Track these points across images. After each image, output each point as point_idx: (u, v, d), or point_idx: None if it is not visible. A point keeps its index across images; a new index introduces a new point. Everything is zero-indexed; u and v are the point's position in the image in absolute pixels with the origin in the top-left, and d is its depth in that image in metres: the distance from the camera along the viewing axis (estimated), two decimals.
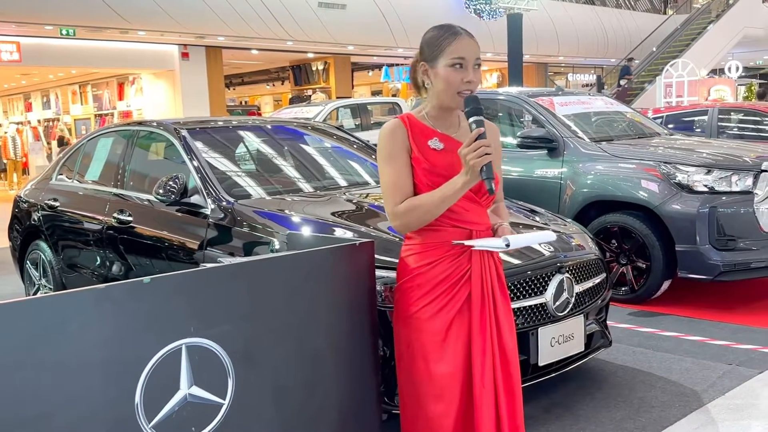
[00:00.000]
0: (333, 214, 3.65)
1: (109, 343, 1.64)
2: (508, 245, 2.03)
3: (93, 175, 4.94)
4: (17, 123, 23.10)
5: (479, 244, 2.07)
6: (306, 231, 3.45)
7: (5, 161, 19.70)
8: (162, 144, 4.52)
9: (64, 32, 15.17)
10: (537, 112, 6.12)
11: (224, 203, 3.79)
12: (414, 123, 2.21)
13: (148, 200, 4.19)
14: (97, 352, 1.63)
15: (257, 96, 29.94)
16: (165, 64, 17.92)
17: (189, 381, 1.76)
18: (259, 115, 21.34)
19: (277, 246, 3.29)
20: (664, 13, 26.73)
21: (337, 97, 18.62)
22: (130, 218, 4.27)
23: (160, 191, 3.87)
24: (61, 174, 5.31)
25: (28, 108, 24.56)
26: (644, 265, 5.29)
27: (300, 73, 22.22)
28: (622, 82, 20.99)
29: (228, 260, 2.12)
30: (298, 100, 19.69)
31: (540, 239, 2.25)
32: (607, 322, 4.06)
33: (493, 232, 2.28)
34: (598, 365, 4.09)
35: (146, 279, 1.67)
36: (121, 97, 20.03)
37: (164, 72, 18.18)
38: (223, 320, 1.81)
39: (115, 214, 4.38)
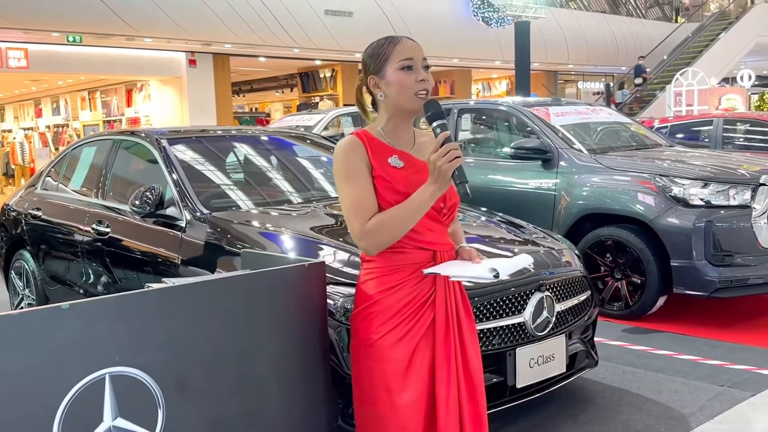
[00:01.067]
0: (312, 228, 3.55)
1: (24, 374, 1.55)
2: (497, 276, 1.91)
3: (75, 184, 4.88)
4: (26, 129, 23.21)
5: (457, 273, 1.95)
6: (277, 246, 3.36)
7: (14, 167, 19.78)
8: (143, 154, 4.44)
9: (70, 39, 15.19)
10: (532, 122, 6.00)
11: (200, 215, 3.71)
12: (372, 140, 2.10)
13: (126, 211, 4.11)
14: (10, 384, 1.53)
15: (267, 103, 29.95)
16: (172, 71, 17.91)
17: (113, 413, 1.66)
18: (268, 122, 21.32)
19: None
20: (675, 21, 26.50)
21: (345, 105, 18.57)
22: (107, 229, 4.19)
23: (137, 202, 3.79)
24: (46, 183, 5.25)
25: (38, 114, 24.63)
26: (639, 281, 5.15)
27: (308, 81, 22.16)
28: (637, 81, 20.85)
29: (170, 282, 2.02)
30: (305, 107, 19.64)
31: (522, 264, 2.13)
32: (599, 339, 3.94)
33: (456, 255, 2.18)
34: (585, 385, 3.96)
35: (65, 305, 1.58)
36: (129, 104, 20.04)
37: (171, 79, 18.17)
38: (151, 347, 1.72)
39: (93, 225, 4.31)
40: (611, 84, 23.74)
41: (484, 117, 6.93)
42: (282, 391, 1.98)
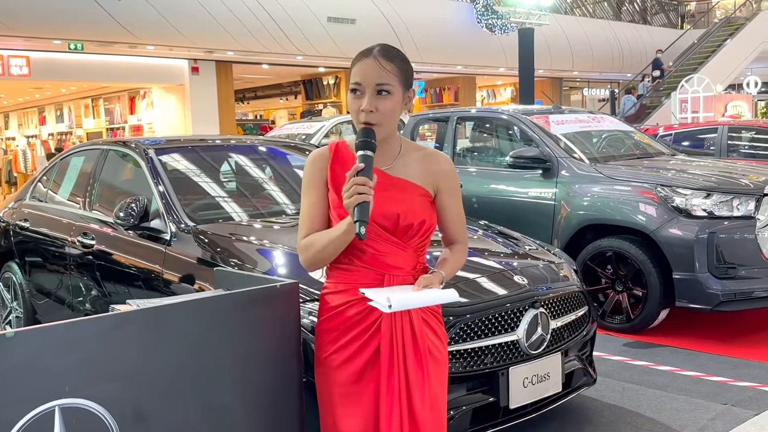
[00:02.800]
0: None
1: None
2: (390, 306, 1.75)
3: (62, 195, 4.79)
4: (29, 137, 23.20)
5: (373, 296, 1.80)
6: (265, 260, 3.25)
7: (16, 174, 19.76)
8: (130, 164, 4.34)
9: (72, 47, 15.17)
10: (531, 131, 5.88)
11: (185, 228, 3.60)
12: (341, 151, 2.00)
13: (111, 223, 4.00)
14: None
15: (272, 110, 29.91)
16: (175, 78, 17.88)
17: None
18: (272, 129, 21.24)
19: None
20: (681, 27, 26.36)
21: (347, 112, 18.49)
22: (92, 242, 4.09)
23: (121, 214, 3.69)
24: (35, 194, 5.16)
25: (42, 121, 24.64)
26: (641, 293, 5.02)
27: (311, 88, 22.12)
28: (655, 74, 20.81)
29: (134, 304, 1.91)
30: (309, 114, 19.58)
31: (436, 300, 1.91)
32: (599, 353, 3.82)
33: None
34: (583, 403, 3.83)
35: (9, 332, 1.47)
36: (132, 111, 20.02)
37: (174, 86, 18.14)
38: (106, 377, 1.60)
39: (79, 238, 4.21)
40: (616, 91, 23.61)
41: (483, 125, 6.82)
42: (250, 420, 1.86)
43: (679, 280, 4.80)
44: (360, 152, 1.82)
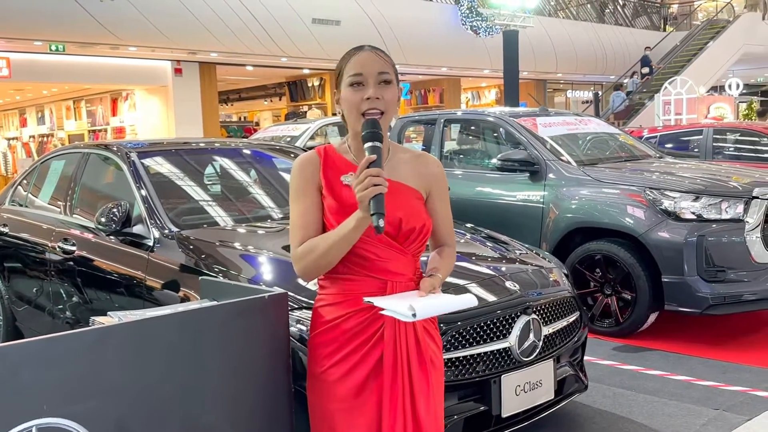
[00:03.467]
0: (285, 247, 3.37)
1: None
2: (414, 315, 1.70)
3: (43, 200, 4.68)
4: (10, 139, 22.91)
5: (387, 306, 1.75)
6: (250, 267, 3.18)
7: None
8: (112, 168, 4.25)
9: (53, 48, 14.97)
10: (519, 133, 5.84)
11: (169, 233, 3.52)
12: (331, 155, 1.93)
13: (92, 229, 3.91)
14: None
15: (256, 111, 29.74)
16: (158, 80, 17.69)
17: None
18: (256, 131, 21.11)
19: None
20: (664, 30, 26.50)
21: (333, 114, 18.40)
22: (73, 248, 3.99)
23: (102, 219, 3.60)
24: (15, 198, 5.04)
25: (23, 123, 24.36)
26: (630, 297, 4.99)
27: (296, 89, 22.01)
28: (644, 71, 21.00)
29: (115, 317, 1.83)
30: (293, 116, 19.47)
31: (457, 305, 1.88)
32: (589, 358, 3.77)
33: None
34: (575, 410, 3.78)
35: None
36: (114, 113, 19.80)
37: (157, 88, 17.95)
38: (86, 395, 1.53)
39: (59, 243, 4.11)
40: (600, 93, 23.71)
41: (470, 127, 6.77)
42: None
43: (668, 283, 4.77)
44: (369, 143, 1.77)
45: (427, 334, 1.93)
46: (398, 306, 1.72)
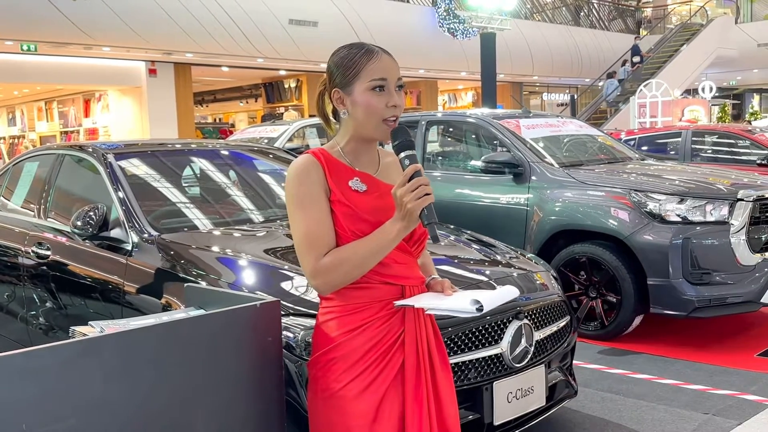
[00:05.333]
0: (270, 252, 3.28)
1: None
2: (480, 309, 1.67)
3: (15, 202, 4.52)
4: None
5: (435, 306, 1.71)
6: (232, 272, 3.07)
7: None
8: (88, 170, 4.11)
9: (25, 48, 14.69)
10: (502, 135, 5.79)
11: (148, 237, 3.40)
12: (330, 160, 1.84)
13: (67, 233, 3.78)
14: None
15: (231, 113, 29.49)
16: (132, 81, 17.44)
17: None
18: (232, 133, 20.90)
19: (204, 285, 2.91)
20: (638, 33, 26.74)
21: (310, 115, 18.27)
22: (48, 252, 3.85)
23: (78, 223, 3.46)
24: None
25: None
26: (615, 299, 4.95)
27: (272, 91, 21.84)
28: (635, 59, 21.64)
29: (97, 327, 1.72)
30: (270, 117, 19.29)
31: (509, 296, 1.89)
32: (576, 362, 3.71)
33: (427, 287, 1.93)
34: (564, 415, 3.73)
35: None
36: (87, 114, 19.48)
37: (131, 89, 17.70)
38: (68, 412, 1.42)
39: (33, 248, 3.96)
40: (575, 96, 23.85)
41: (452, 129, 6.71)
42: None
43: (654, 286, 4.74)
44: (408, 152, 1.73)
45: (436, 337, 1.91)
46: (454, 303, 1.71)
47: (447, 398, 1.89)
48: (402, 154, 1.74)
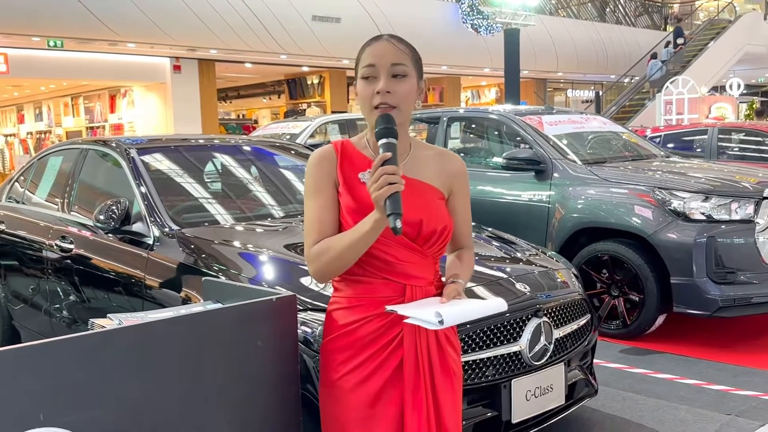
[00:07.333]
0: (290, 247, 3.28)
1: None
2: (441, 322, 1.61)
3: (40, 197, 4.59)
4: (8, 135, 22.80)
5: (411, 314, 1.66)
6: (252, 267, 3.09)
7: None
8: (111, 164, 4.15)
9: (51, 44, 14.86)
10: (524, 131, 5.75)
11: (169, 232, 3.43)
12: (348, 151, 1.84)
13: (90, 226, 3.82)
14: None
15: (255, 109, 29.64)
16: (156, 77, 17.59)
17: None
18: (255, 129, 20.99)
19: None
20: (665, 29, 26.42)
21: (332, 112, 18.29)
22: (71, 246, 3.90)
23: (101, 217, 3.51)
24: (11, 195, 4.95)
25: (21, 120, 24.23)
26: (637, 298, 4.90)
27: (295, 87, 21.90)
28: (679, 41, 21.57)
29: (115, 319, 1.74)
30: (293, 113, 19.35)
31: (486, 311, 1.81)
32: (597, 361, 3.68)
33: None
34: (584, 414, 3.70)
35: None
36: (112, 110, 19.70)
37: (156, 84, 17.85)
38: (86, 404, 1.44)
39: (57, 241, 4.01)
40: (600, 92, 23.62)
41: (473, 125, 6.68)
42: None
43: (677, 285, 4.69)
44: (383, 140, 1.67)
45: (448, 341, 1.85)
46: (423, 313, 1.63)
47: (448, 407, 1.83)
48: (380, 141, 1.70)
